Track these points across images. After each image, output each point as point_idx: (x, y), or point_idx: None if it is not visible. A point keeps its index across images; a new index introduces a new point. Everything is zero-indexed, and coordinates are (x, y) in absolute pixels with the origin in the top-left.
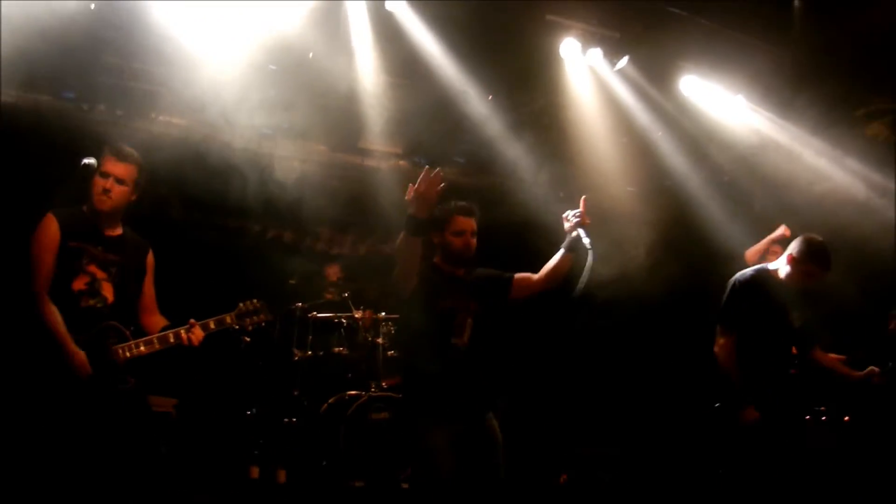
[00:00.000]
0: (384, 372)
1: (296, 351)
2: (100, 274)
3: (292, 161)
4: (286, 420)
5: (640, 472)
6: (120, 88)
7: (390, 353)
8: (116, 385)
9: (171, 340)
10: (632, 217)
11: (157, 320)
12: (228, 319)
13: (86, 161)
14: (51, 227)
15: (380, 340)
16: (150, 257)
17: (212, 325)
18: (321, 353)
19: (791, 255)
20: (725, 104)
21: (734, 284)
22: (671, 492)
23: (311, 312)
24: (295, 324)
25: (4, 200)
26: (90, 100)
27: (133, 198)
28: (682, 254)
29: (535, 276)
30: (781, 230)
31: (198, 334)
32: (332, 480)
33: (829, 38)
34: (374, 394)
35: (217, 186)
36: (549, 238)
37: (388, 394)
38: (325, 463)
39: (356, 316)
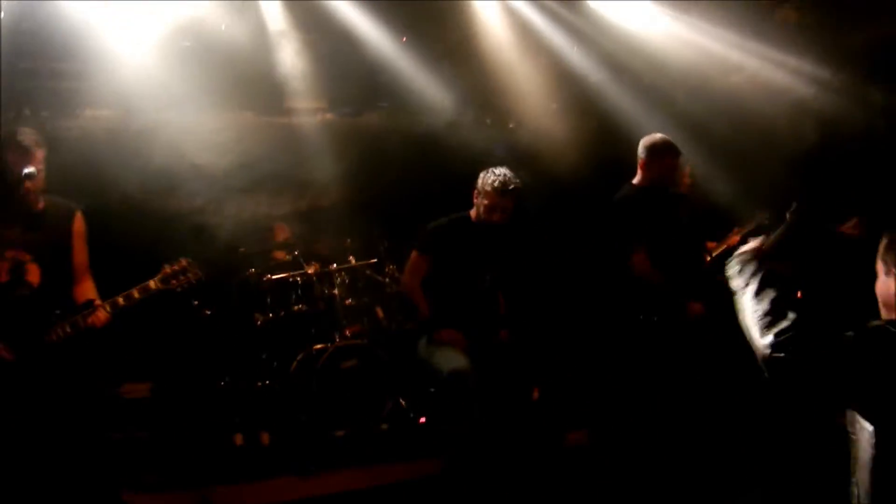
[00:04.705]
0: (345, 321)
1: (257, 315)
2: (23, 257)
3: (223, 132)
4: (260, 384)
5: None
6: (41, 90)
7: (348, 301)
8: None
9: (80, 325)
10: (560, 132)
11: (84, 290)
12: (153, 285)
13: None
14: None
15: (336, 292)
16: (78, 222)
17: (136, 295)
18: (282, 313)
19: (643, 160)
20: (633, 9)
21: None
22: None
23: (264, 276)
24: (252, 289)
25: None
26: (14, 106)
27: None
28: (614, 162)
29: None
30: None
31: (99, 316)
32: (314, 434)
33: None
34: (339, 344)
35: (154, 170)
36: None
37: (353, 342)
38: (304, 418)
39: (309, 272)
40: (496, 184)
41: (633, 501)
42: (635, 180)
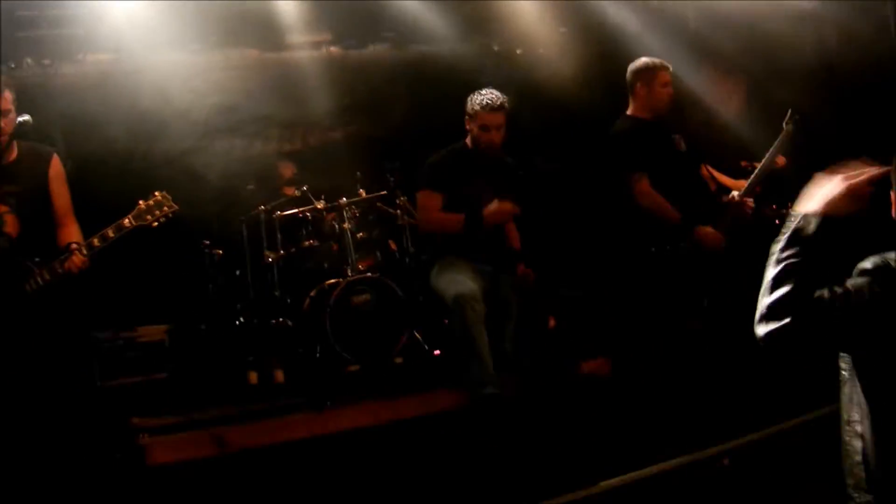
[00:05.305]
0: (357, 255)
1: (268, 253)
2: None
3: (227, 71)
4: (274, 322)
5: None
6: (41, 38)
7: (360, 235)
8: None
9: (58, 270)
10: (568, 57)
11: (67, 234)
12: (127, 222)
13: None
14: None
15: (346, 226)
16: (55, 166)
17: (110, 234)
18: (293, 250)
19: (634, 87)
20: None
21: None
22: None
23: (274, 213)
24: (262, 227)
25: None
26: (15, 57)
27: (17, 118)
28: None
29: None
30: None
31: (75, 261)
32: (327, 370)
33: None
34: (351, 278)
35: (158, 111)
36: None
37: (366, 275)
38: (318, 355)
39: (318, 207)
40: (484, 102)
41: (650, 431)
42: (629, 110)
